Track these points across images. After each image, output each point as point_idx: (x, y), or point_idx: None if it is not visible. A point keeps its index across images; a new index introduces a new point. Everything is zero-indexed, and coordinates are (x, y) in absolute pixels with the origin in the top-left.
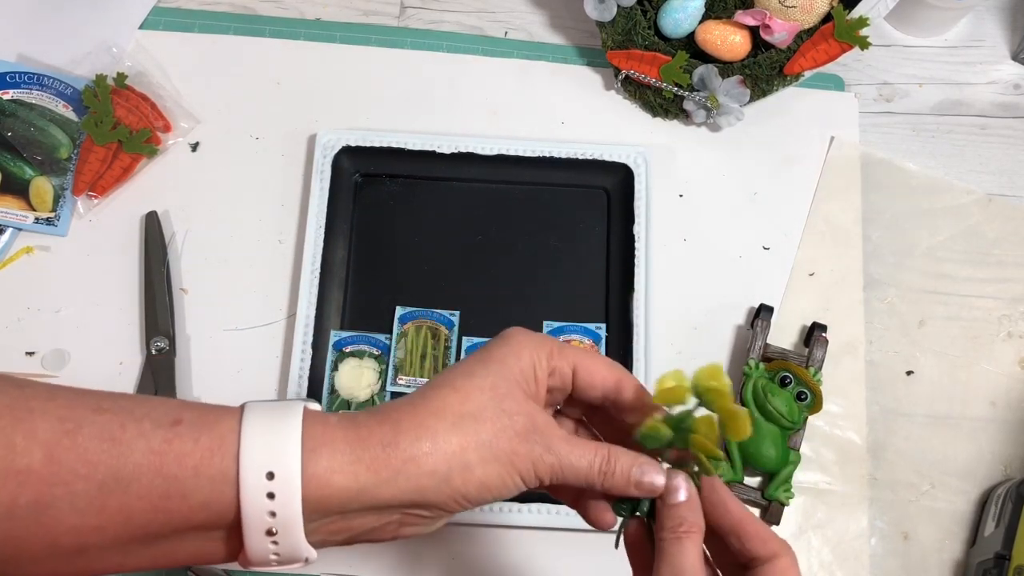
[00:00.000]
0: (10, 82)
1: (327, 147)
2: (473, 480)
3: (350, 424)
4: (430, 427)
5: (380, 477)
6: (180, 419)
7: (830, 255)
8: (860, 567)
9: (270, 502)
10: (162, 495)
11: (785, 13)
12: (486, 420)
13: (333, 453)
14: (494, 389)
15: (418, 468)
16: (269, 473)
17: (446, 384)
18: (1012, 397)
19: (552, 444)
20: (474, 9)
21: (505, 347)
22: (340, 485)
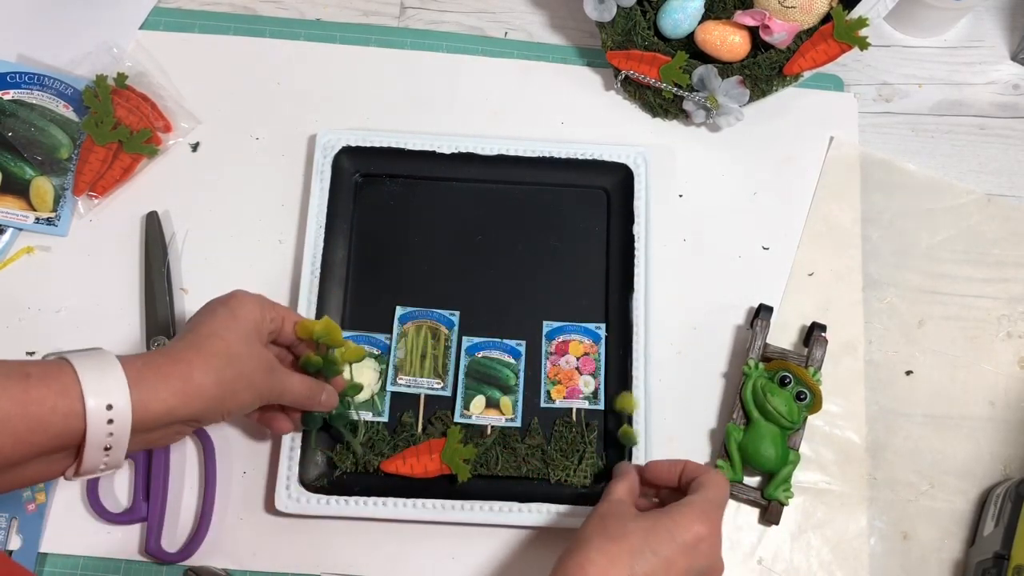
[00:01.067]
0: (10, 82)
1: (327, 147)
2: (237, 401)
3: (153, 364)
4: (213, 366)
5: (181, 401)
6: (28, 373)
7: (830, 255)
8: (860, 567)
9: (109, 427)
10: (28, 430)
11: (785, 13)
12: (246, 360)
13: (148, 386)
14: (247, 338)
15: (207, 393)
16: (108, 405)
17: (213, 333)
18: (1011, 397)
19: (281, 377)
20: (474, 9)
21: (244, 306)
22: (155, 409)
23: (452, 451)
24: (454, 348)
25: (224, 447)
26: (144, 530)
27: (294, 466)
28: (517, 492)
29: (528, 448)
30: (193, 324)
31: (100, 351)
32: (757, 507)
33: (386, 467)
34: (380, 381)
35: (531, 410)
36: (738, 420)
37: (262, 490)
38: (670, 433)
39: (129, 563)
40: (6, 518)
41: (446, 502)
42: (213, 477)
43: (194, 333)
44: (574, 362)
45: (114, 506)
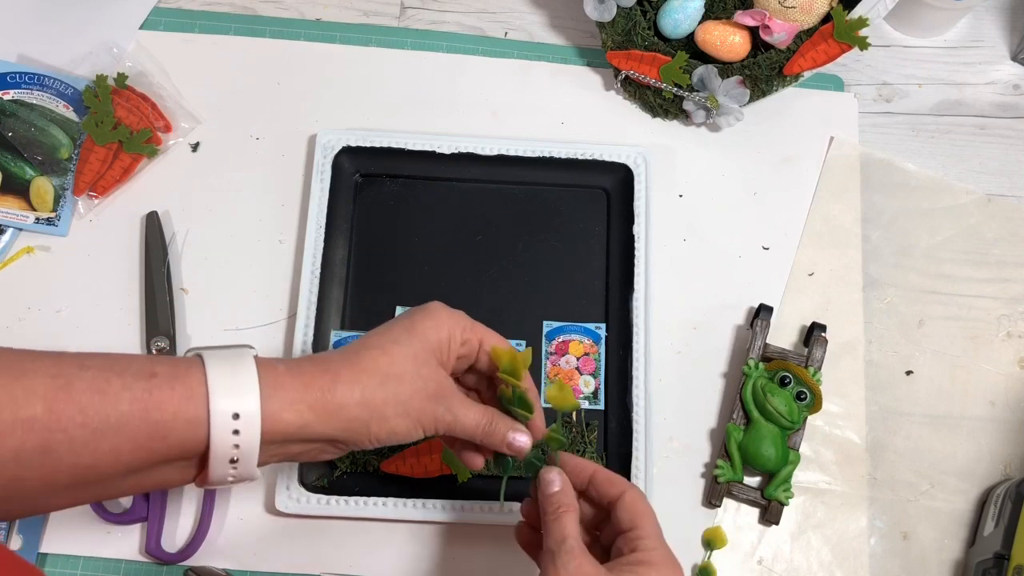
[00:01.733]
0: (11, 82)
1: (327, 147)
2: (386, 428)
3: (296, 371)
4: (362, 382)
5: (318, 417)
6: (155, 372)
7: (830, 255)
8: (859, 567)
9: (235, 437)
10: (148, 436)
11: (785, 13)
12: (406, 382)
13: (284, 395)
14: (415, 357)
15: (348, 413)
16: (235, 414)
17: (377, 346)
18: (1011, 397)
19: (452, 406)
20: (474, 9)
21: (429, 320)
22: (288, 420)
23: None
24: None
25: None
26: (144, 530)
27: (294, 466)
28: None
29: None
30: (374, 331)
31: (242, 350)
32: (757, 507)
33: (386, 467)
34: None
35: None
36: (738, 420)
37: (262, 490)
38: (670, 433)
39: (129, 563)
40: None
41: (446, 502)
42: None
43: (362, 342)
44: (574, 362)
45: (114, 506)
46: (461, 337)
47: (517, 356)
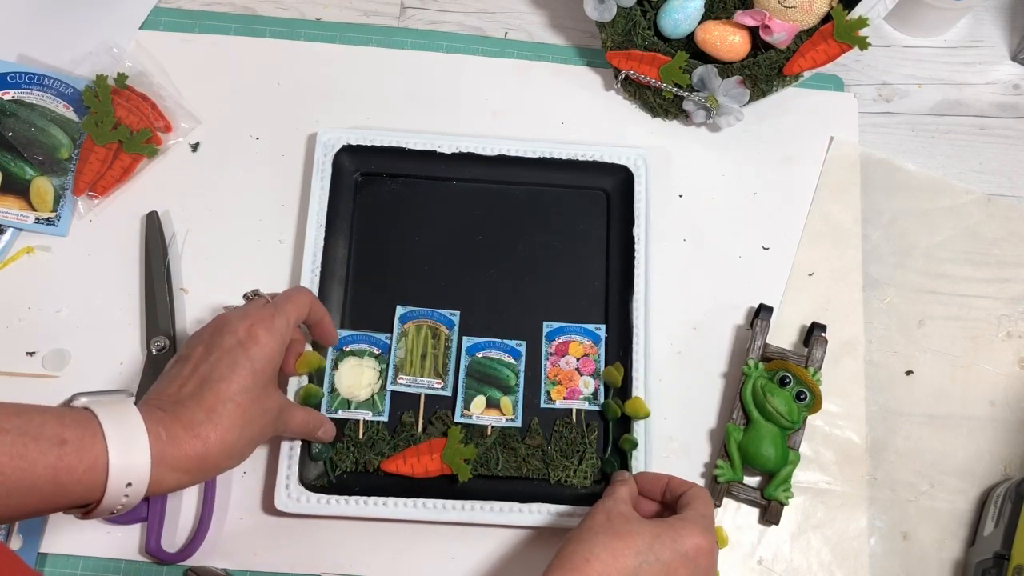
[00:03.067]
0: (11, 82)
1: (327, 146)
2: (239, 461)
3: (174, 440)
4: (226, 440)
5: (192, 477)
6: (64, 439)
7: (830, 255)
8: (859, 567)
9: (125, 499)
10: (53, 495)
11: (785, 13)
12: (256, 423)
13: (166, 467)
14: (258, 398)
15: (216, 468)
16: (128, 483)
17: (230, 400)
18: (1011, 397)
19: (286, 420)
20: (474, 9)
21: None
22: (168, 485)
23: (452, 451)
24: (454, 348)
25: None
26: (144, 530)
27: (294, 466)
28: (517, 492)
29: (528, 448)
30: (211, 372)
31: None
32: (757, 507)
33: (386, 467)
34: (380, 381)
35: (531, 410)
36: (738, 420)
37: (262, 490)
38: (670, 433)
39: (129, 563)
40: None
41: (446, 502)
42: (213, 477)
43: (212, 393)
44: (574, 363)
45: None
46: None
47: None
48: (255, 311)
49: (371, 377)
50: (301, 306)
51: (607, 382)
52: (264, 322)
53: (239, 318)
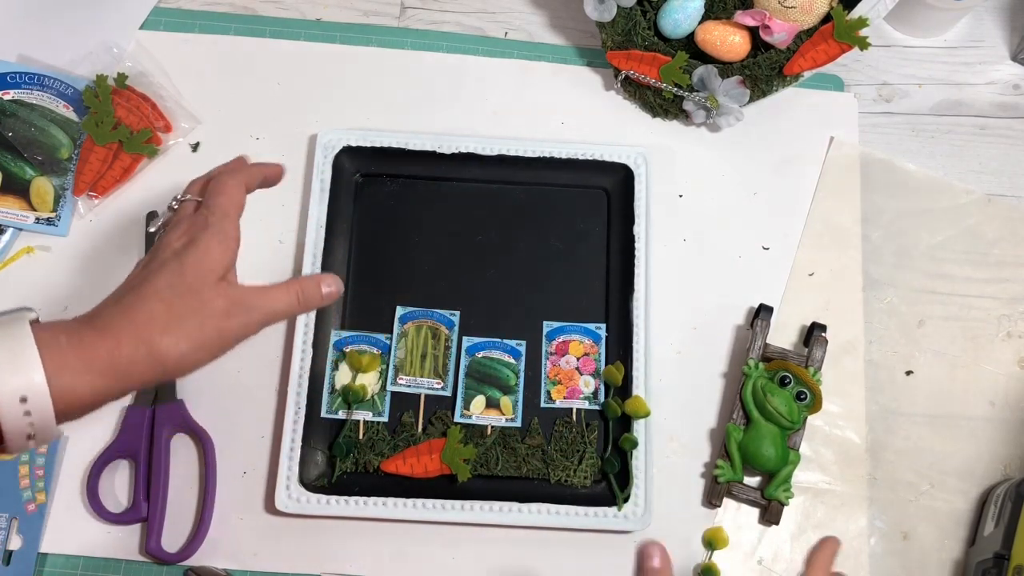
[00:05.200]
0: (11, 82)
1: (327, 147)
2: (188, 363)
3: (78, 342)
4: (145, 337)
5: (110, 382)
6: None
7: (829, 255)
8: (859, 567)
9: (27, 417)
10: None
11: (785, 13)
12: (189, 317)
13: (72, 372)
14: (191, 289)
15: (141, 370)
16: (22, 397)
17: (152, 295)
18: (1011, 397)
19: (254, 302)
20: (474, 9)
21: (198, 262)
22: (81, 393)
23: (452, 451)
24: (454, 348)
25: (224, 446)
26: (144, 530)
27: (294, 466)
28: (517, 492)
29: (528, 448)
30: (138, 280)
31: (16, 319)
32: (757, 507)
33: (386, 467)
34: (380, 381)
35: (531, 410)
36: (738, 420)
37: (262, 490)
38: (670, 433)
39: (129, 563)
40: (6, 518)
41: (446, 502)
42: (213, 477)
43: (133, 293)
44: (574, 362)
45: (114, 506)
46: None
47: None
48: (187, 220)
49: (371, 377)
50: (235, 193)
51: (607, 381)
52: (199, 226)
53: (172, 230)
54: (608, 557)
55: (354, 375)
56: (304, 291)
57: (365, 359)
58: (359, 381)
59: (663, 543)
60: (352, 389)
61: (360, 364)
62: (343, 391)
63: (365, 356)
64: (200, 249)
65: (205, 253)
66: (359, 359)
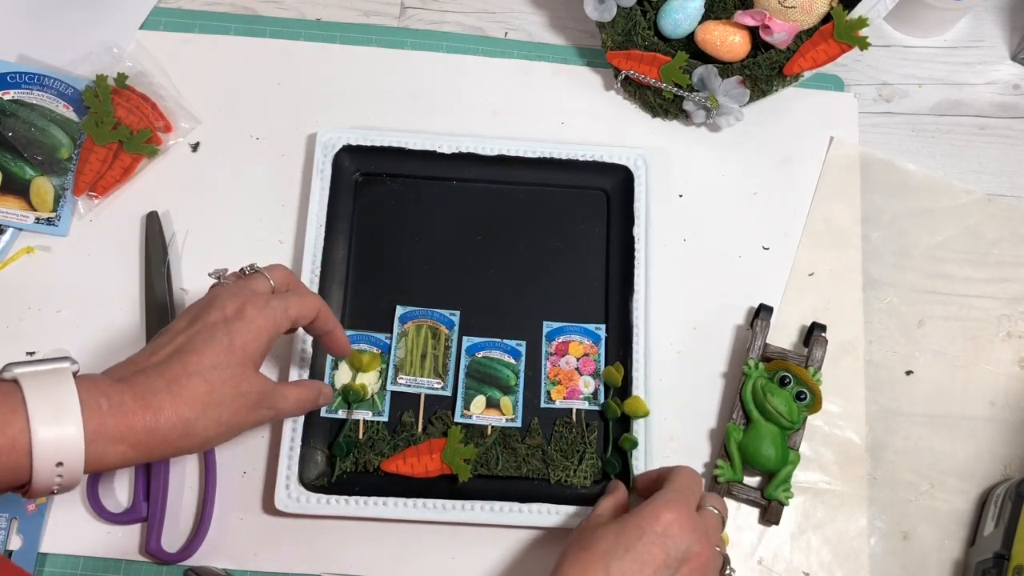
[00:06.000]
0: (11, 82)
1: (327, 146)
2: (207, 445)
3: (119, 409)
4: (184, 416)
5: (139, 453)
6: None
7: (830, 255)
8: (859, 567)
9: (58, 471)
10: None
11: (785, 13)
12: (227, 406)
13: (107, 439)
14: (233, 377)
15: (170, 446)
16: (58, 462)
17: (197, 374)
18: (1011, 397)
19: (275, 403)
20: (474, 9)
21: (247, 332)
22: (111, 461)
23: (452, 451)
24: (454, 348)
25: (224, 447)
26: (144, 530)
27: (294, 466)
28: (517, 492)
29: (528, 448)
30: (185, 343)
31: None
32: (757, 507)
33: (386, 467)
34: (380, 381)
35: (531, 410)
36: (738, 420)
37: (262, 490)
38: (670, 433)
39: (129, 563)
40: (6, 518)
41: (446, 502)
42: (213, 477)
43: (182, 364)
44: (574, 363)
45: (114, 506)
46: (277, 333)
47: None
48: (250, 289)
49: (371, 377)
50: (306, 306)
51: (607, 382)
52: (256, 302)
53: (231, 295)
54: None
55: (354, 374)
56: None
57: (365, 358)
58: (359, 380)
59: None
60: (352, 388)
61: (360, 363)
62: (343, 390)
63: (365, 355)
64: (249, 326)
65: (254, 333)
66: (359, 358)
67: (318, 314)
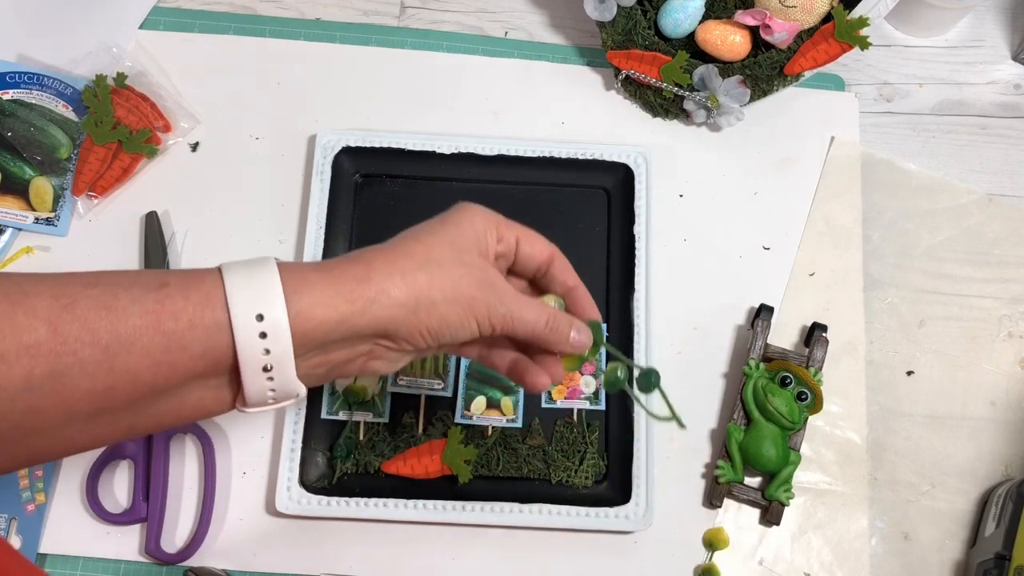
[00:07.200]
0: (10, 82)
1: (327, 147)
2: (436, 314)
3: (324, 267)
4: (399, 266)
5: (356, 307)
6: (167, 282)
7: (830, 255)
8: (860, 567)
9: (263, 341)
10: (163, 349)
11: (785, 13)
12: (448, 266)
13: (312, 291)
14: (453, 244)
15: (389, 299)
16: (259, 315)
17: (411, 237)
18: (1012, 397)
19: (504, 298)
20: (474, 9)
21: (460, 214)
22: (322, 317)
23: (453, 452)
24: None
25: (224, 447)
26: (144, 531)
27: (295, 467)
28: (518, 493)
29: (529, 449)
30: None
31: (262, 257)
32: (758, 508)
33: (387, 468)
34: (380, 382)
35: (532, 410)
36: (739, 420)
37: (262, 490)
38: (670, 433)
39: (129, 563)
40: (6, 518)
41: (447, 503)
42: (213, 477)
43: (392, 240)
44: None
45: (114, 506)
46: (497, 233)
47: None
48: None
49: (371, 378)
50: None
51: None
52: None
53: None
54: (609, 558)
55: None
56: (555, 320)
57: None
58: (359, 382)
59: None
60: (353, 390)
61: None
62: (344, 392)
63: None
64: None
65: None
66: None
67: (552, 259)
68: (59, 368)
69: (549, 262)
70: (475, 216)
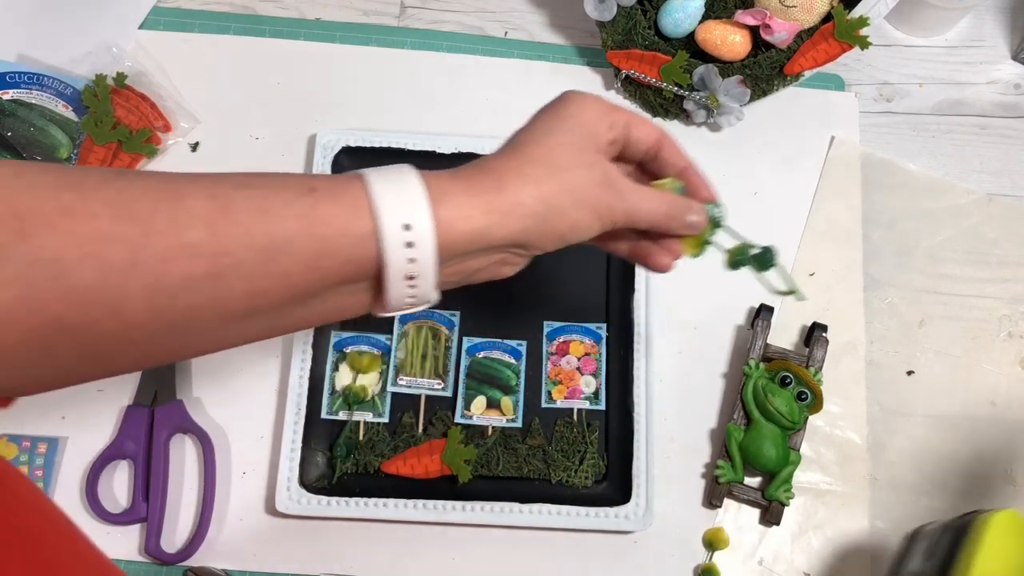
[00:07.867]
0: (10, 82)
1: (327, 147)
2: (567, 220)
3: (459, 177)
4: (529, 175)
5: (493, 219)
6: (314, 187)
7: (830, 255)
8: (860, 567)
9: (409, 250)
10: (316, 254)
11: (785, 13)
12: (572, 170)
13: (453, 202)
14: (572, 144)
15: (524, 209)
16: (406, 225)
17: (531, 141)
18: (1012, 397)
19: (625, 193)
20: (474, 9)
21: (573, 106)
22: (464, 229)
23: (453, 452)
24: (455, 348)
25: (224, 447)
26: (144, 530)
27: (294, 467)
28: (518, 493)
29: (529, 449)
30: (513, 135)
31: (400, 165)
32: (758, 508)
33: (387, 468)
34: (380, 382)
35: (532, 410)
36: (739, 420)
37: (262, 490)
38: (671, 433)
39: (129, 563)
40: None
41: (447, 503)
42: (213, 477)
43: (510, 143)
44: (575, 362)
45: (113, 506)
46: (609, 120)
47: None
48: None
49: (371, 378)
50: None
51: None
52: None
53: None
54: (609, 557)
55: (354, 376)
56: (675, 207)
57: (365, 360)
58: (359, 382)
59: (665, 543)
60: (352, 390)
61: (360, 365)
62: (343, 392)
63: (365, 357)
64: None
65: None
66: (359, 360)
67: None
68: (218, 269)
69: (658, 145)
70: (586, 107)
